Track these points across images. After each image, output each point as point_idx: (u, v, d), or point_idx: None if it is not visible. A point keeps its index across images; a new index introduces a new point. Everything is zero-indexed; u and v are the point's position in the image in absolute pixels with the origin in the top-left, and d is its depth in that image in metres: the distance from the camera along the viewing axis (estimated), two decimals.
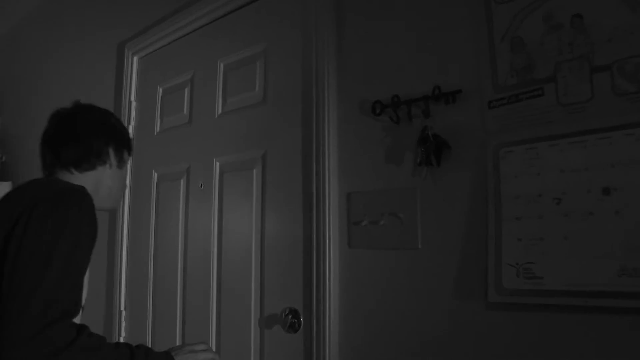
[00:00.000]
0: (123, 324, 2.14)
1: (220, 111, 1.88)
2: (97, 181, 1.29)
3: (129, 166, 1.45)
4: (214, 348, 1.75)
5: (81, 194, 1.10)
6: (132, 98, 2.30)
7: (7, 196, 1.18)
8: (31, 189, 1.14)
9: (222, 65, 1.90)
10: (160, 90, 2.17)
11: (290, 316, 1.53)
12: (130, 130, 2.28)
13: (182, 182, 1.95)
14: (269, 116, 1.69)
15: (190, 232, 1.92)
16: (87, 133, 1.28)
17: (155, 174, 2.15)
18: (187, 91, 2.04)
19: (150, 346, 1.13)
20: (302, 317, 1.51)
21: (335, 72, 1.53)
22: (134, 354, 1.05)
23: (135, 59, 2.35)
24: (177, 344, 1.83)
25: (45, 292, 0.92)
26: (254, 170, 1.71)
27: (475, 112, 1.24)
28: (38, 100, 3.17)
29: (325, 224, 1.47)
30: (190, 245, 1.91)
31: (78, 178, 1.26)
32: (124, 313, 2.13)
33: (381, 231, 1.37)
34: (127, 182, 1.63)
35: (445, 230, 1.27)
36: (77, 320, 1.01)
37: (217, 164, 1.85)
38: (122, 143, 1.36)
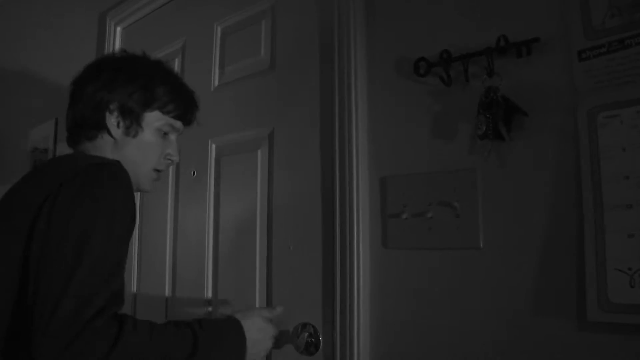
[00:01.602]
0: None
1: (217, 83, 1.57)
2: (109, 151, 1.03)
3: (173, 136, 1.09)
4: None
5: (114, 168, 0.91)
6: None
7: (28, 178, 0.99)
8: (54, 167, 0.97)
9: (219, 29, 1.59)
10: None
11: (306, 334, 1.22)
12: None
13: (171, 170, 1.63)
14: (278, 85, 1.38)
15: (181, 229, 1.61)
16: (96, 85, 1.01)
17: None
18: (177, 62, 1.73)
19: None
20: (321, 336, 1.20)
21: (363, 24, 1.21)
22: (197, 337, 0.87)
23: (118, 29, 2.04)
24: None
25: (76, 289, 0.77)
26: (259, 152, 1.40)
27: (559, 66, 0.94)
28: (14, 79, 2.85)
29: (352, 217, 1.16)
30: (180, 245, 1.61)
31: (88, 148, 1.03)
32: None
33: (428, 226, 1.06)
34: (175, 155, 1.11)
35: (517, 224, 0.96)
36: None
37: (213, 146, 1.54)
38: (137, 95, 1.02)
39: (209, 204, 1.52)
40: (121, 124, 1.02)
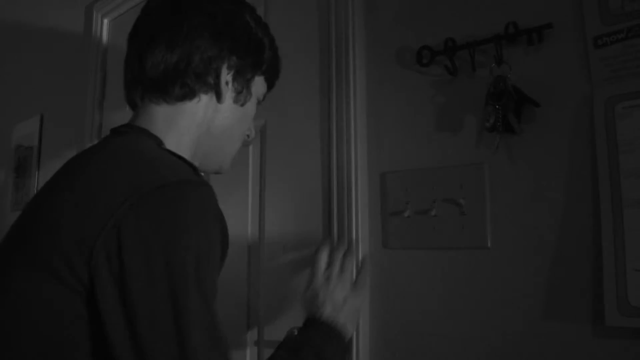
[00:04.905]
0: None
1: None
2: (199, 121, 0.80)
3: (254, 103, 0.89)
4: None
5: (201, 192, 0.65)
6: (102, 68, 1.91)
7: (68, 180, 0.68)
8: (103, 176, 0.65)
9: None
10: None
11: None
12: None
13: None
14: None
15: None
16: (210, 29, 0.78)
17: None
18: None
19: None
20: None
21: (362, 10, 1.15)
22: None
23: (105, 22, 1.97)
24: None
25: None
26: (250, 148, 1.33)
27: (574, 54, 0.88)
28: None
29: (350, 216, 1.10)
30: None
31: (168, 116, 0.78)
32: None
33: (432, 224, 0.99)
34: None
35: (528, 222, 0.90)
36: None
37: None
38: (253, 57, 0.83)
39: None
40: (231, 87, 0.81)
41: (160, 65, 0.76)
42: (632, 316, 0.77)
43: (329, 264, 0.95)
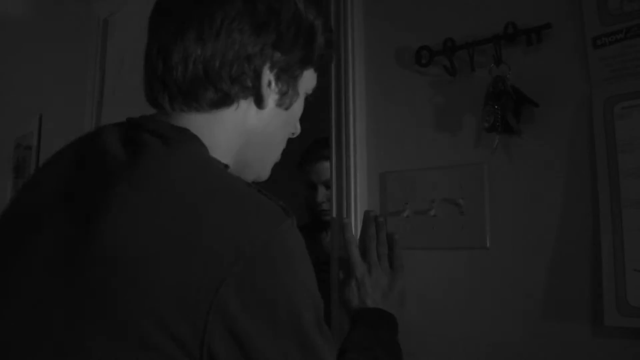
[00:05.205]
0: None
1: None
2: (240, 130, 0.68)
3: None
4: None
5: (295, 238, 0.58)
6: (99, 67, 1.91)
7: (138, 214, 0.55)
8: (190, 223, 0.54)
9: None
10: (125, 54, 1.78)
11: None
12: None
13: None
14: None
15: None
16: (251, 22, 0.64)
17: None
18: None
19: None
20: None
21: (361, 11, 1.15)
22: None
23: (104, 21, 1.97)
24: None
25: None
26: None
27: (573, 54, 0.88)
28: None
29: (349, 216, 1.09)
30: None
31: (203, 124, 0.65)
32: None
33: (431, 225, 1.00)
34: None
35: (527, 222, 0.90)
36: None
37: None
38: (302, 51, 0.69)
39: None
40: (274, 88, 0.68)
41: (189, 65, 0.63)
42: (631, 316, 0.77)
43: (363, 253, 0.95)
